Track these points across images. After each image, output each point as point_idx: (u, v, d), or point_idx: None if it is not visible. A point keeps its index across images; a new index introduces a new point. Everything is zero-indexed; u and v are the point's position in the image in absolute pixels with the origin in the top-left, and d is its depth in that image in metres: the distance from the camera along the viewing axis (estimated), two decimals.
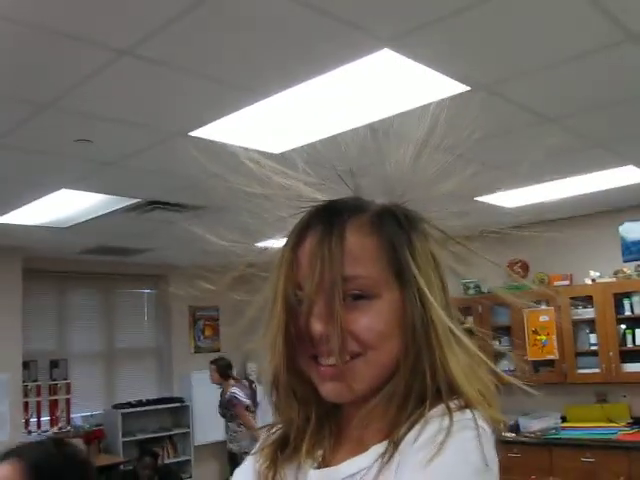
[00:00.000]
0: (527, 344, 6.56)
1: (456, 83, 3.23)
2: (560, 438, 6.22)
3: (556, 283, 6.64)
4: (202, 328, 9.27)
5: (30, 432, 7.40)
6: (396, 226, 0.93)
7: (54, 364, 7.88)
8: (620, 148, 4.52)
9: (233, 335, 1.07)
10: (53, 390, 7.81)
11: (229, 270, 1.06)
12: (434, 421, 0.83)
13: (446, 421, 0.81)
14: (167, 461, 8.05)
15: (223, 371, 6.82)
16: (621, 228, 6.42)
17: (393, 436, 0.85)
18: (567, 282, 6.62)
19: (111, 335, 8.53)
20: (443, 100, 3.38)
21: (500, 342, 6.80)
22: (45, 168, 4.33)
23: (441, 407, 0.84)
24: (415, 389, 0.88)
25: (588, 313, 6.38)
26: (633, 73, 3.25)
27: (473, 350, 0.91)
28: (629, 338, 6.19)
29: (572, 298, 6.42)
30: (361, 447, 0.90)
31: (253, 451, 1.04)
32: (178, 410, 8.52)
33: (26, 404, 7.39)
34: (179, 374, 8.73)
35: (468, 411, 0.84)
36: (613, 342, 6.17)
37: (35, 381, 7.62)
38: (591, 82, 3.37)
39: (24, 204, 5.20)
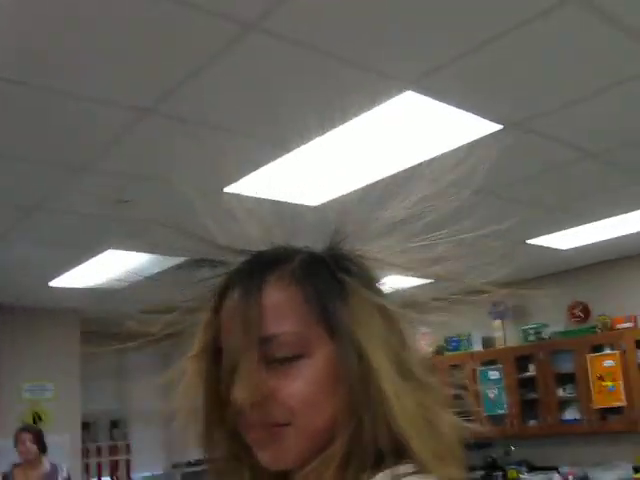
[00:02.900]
0: (592, 391, 6.26)
1: (487, 122, 3.17)
2: None
3: (619, 325, 6.35)
4: None
5: None
6: (326, 273, 0.83)
7: (114, 424, 7.95)
8: None
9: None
10: (113, 451, 7.86)
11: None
12: None
13: None
14: None
15: (42, 441, 5.01)
16: None
17: None
18: (631, 324, 6.32)
19: (170, 394, 8.55)
20: (477, 141, 3.33)
21: (564, 390, 6.57)
22: (89, 230, 4.42)
23: (388, 472, 0.74)
24: (357, 452, 0.78)
25: None
26: None
27: (431, 402, 0.81)
28: None
29: (637, 341, 6.12)
30: None
31: None
32: None
33: (87, 465, 7.44)
34: None
35: (424, 477, 0.74)
36: None
37: (95, 442, 7.68)
38: (630, 113, 3.25)
39: (75, 266, 5.32)
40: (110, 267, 5.44)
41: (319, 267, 0.84)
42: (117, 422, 7.95)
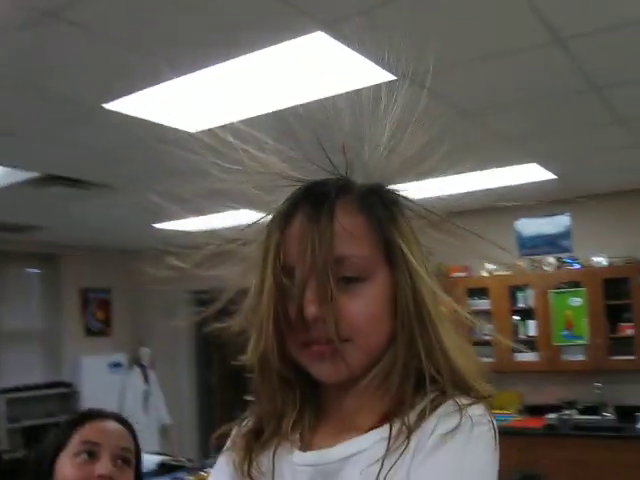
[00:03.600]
0: None
1: (383, 72, 3.22)
2: None
3: (454, 274, 6.84)
4: (93, 311, 8.92)
5: None
6: (380, 205, 0.93)
7: None
8: (529, 146, 4.69)
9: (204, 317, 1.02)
10: None
11: (198, 250, 1.00)
12: (450, 413, 0.83)
13: (458, 416, 0.82)
14: None
15: None
16: (517, 223, 6.68)
17: (397, 420, 0.84)
18: (465, 273, 6.83)
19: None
20: (367, 88, 3.38)
21: None
22: None
23: (453, 400, 0.85)
24: (412, 370, 0.87)
25: (484, 304, 6.61)
26: (553, 74, 3.36)
27: (459, 327, 0.93)
28: (522, 329, 6.49)
29: (470, 289, 6.64)
30: (352, 429, 0.88)
31: (225, 447, 1.01)
32: (67, 395, 8.18)
33: None
34: (68, 358, 8.38)
35: (481, 405, 0.85)
36: (507, 333, 6.43)
37: None
38: (512, 80, 3.45)
39: None
40: None
41: (376, 198, 0.93)
42: None
